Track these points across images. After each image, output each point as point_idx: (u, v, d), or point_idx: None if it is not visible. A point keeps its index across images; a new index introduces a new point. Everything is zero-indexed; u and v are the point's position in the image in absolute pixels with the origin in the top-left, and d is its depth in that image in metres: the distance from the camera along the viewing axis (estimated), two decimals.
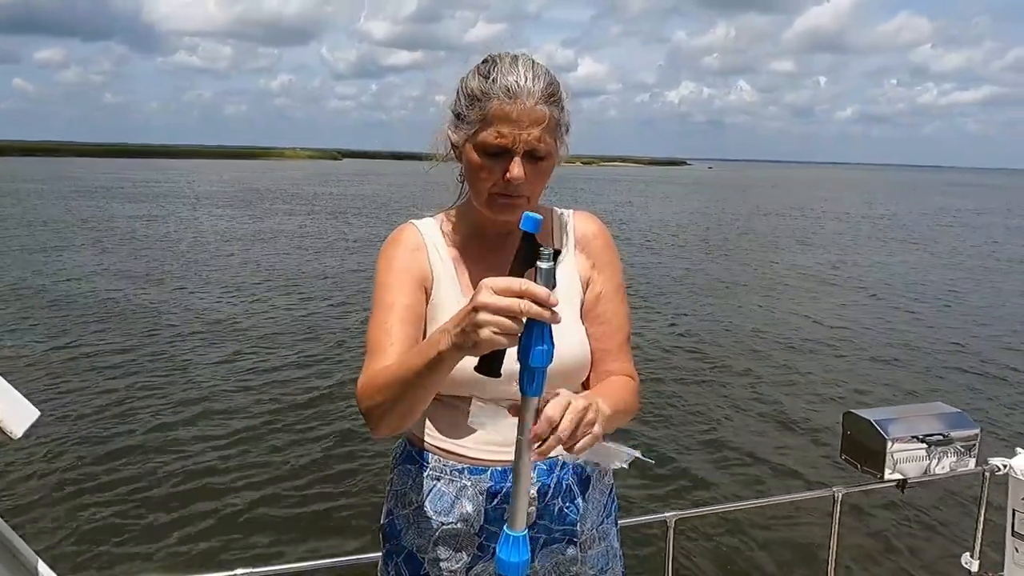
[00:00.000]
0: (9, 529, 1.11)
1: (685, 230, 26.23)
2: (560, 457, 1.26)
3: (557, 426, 0.99)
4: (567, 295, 1.30)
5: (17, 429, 0.97)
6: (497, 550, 1.05)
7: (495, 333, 0.93)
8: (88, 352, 8.95)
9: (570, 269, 1.34)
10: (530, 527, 1.26)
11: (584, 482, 1.32)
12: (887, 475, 2.23)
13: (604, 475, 1.37)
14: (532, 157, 1.19)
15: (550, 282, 0.95)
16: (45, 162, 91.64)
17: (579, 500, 1.31)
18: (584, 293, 1.34)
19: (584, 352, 1.29)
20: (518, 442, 1.02)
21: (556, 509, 1.28)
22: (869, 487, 2.37)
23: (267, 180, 58.78)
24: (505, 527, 1.05)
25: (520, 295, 0.94)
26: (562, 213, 1.41)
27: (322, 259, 17.21)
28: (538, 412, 1.00)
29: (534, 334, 0.96)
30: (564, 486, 1.29)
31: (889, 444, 2.20)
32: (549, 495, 1.27)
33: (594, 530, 1.34)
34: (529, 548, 1.04)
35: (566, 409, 1.00)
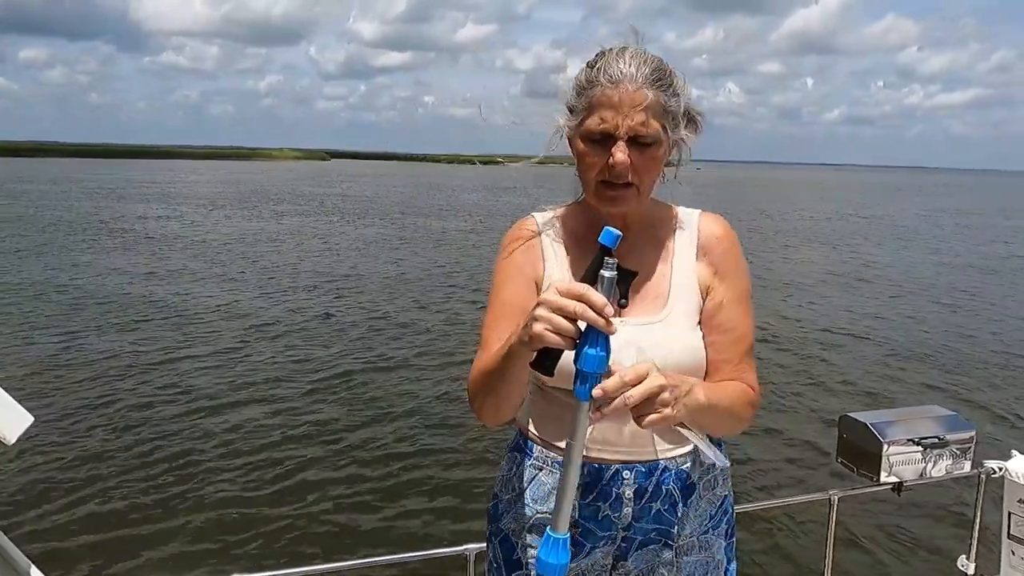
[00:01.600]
0: (2, 535, 1.10)
1: None
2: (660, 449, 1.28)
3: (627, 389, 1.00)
4: (684, 300, 1.29)
5: (11, 435, 0.97)
6: (538, 550, 1.07)
7: (547, 330, 0.99)
8: (84, 355, 8.91)
9: (689, 275, 1.31)
10: (626, 528, 1.28)
11: (688, 488, 1.31)
12: (883, 478, 2.24)
13: (715, 485, 1.35)
14: (638, 143, 1.18)
15: (611, 292, 1.00)
16: (30, 163, 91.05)
17: (679, 504, 1.30)
18: (704, 300, 1.31)
19: (696, 359, 1.27)
20: (568, 445, 1.04)
21: (653, 511, 1.28)
22: (865, 490, 2.37)
23: (266, 180, 58.62)
24: (548, 528, 1.06)
25: (579, 299, 0.98)
26: (688, 213, 1.38)
27: (348, 259, 17.17)
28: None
29: (588, 339, 0.99)
30: (664, 491, 1.29)
31: (885, 447, 2.21)
32: (647, 497, 1.27)
33: (694, 537, 1.33)
34: (569, 552, 1.05)
35: (643, 378, 1.00)
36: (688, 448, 1.30)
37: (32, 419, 1.01)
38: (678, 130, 1.25)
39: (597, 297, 0.98)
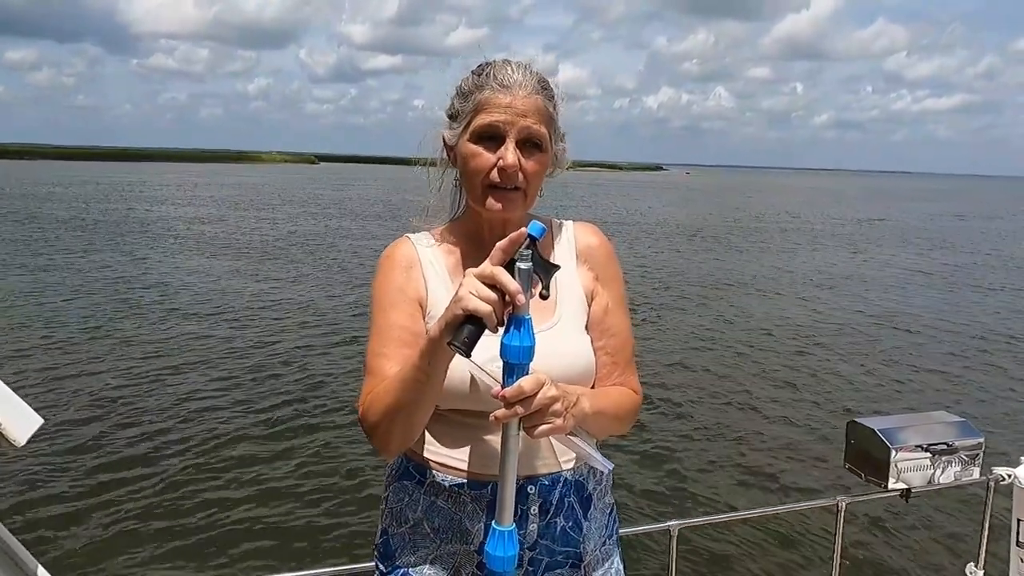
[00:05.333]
0: (11, 536, 1.11)
1: (681, 234, 26.21)
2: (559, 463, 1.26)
3: (525, 400, 1.01)
4: (571, 306, 1.30)
5: (21, 437, 0.97)
6: (485, 545, 1.07)
7: (471, 294, 0.98)
8: (93, 359, 8.96)
9: (573, 281, 1.32)
10: (532, 548, 1.24)
11: (586, 500, 1.30)
12: (891, 484, 2.22)
13: (604, 494, 1.35)
14: (527, 146, 1.20)
15: (527, 284, 1.00)
16: (14, 165, 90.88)
17: (582, 519, 1.28)
18: (589, 305, 1.32)
19: (588, 365, 1.27)
20: (504, 438, 1.05)
21: (558, 528, 1.26)
22: (873, 496, 2.36)
23: (273, 183, 58.80)
24: (493, 522, 1.07)
25: (491, 279, 0.98)
26: (562, 223, 1.40)
27: (310, 275, 17.22)
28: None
29: (512, 329, 1.00)
30: (566, 503, 1.26)
31: (893, 453, 2.20)
32: (551, 512, 1.25)
33: (597, 551, 1.32)
34: (517, 543, 1.06)
35: (539, 388, 1.02)
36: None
37: (41, 421, 1.02)
38: (559, 142, 1.27)
39: (508, 279, 0.98)
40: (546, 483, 1.24)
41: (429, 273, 1.29)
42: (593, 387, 1.29)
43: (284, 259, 18.22)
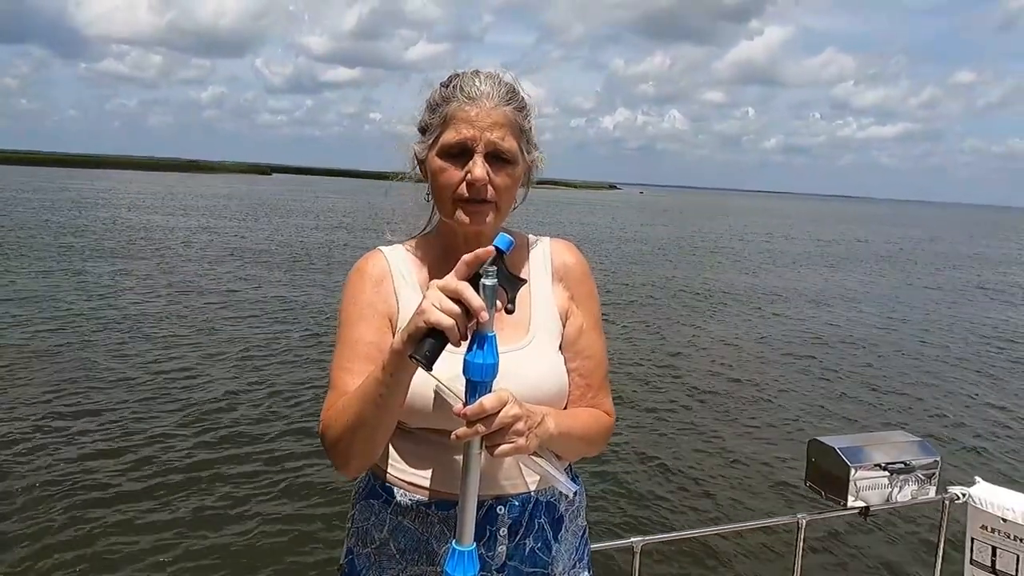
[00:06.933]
0: None
1: (641, 253, 26.43)
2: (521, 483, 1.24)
3: (487, 418, 1.00)
4: (545, 326, 1.28)
5: None
6: (444, 564, 1.05)
7: (434, 307, 0.97)
8: (39, 375, 8.74)
9: (548, 299, 1.30)
10: (500, 569, 1.22)
11: (557, 522, 1.28)
12: (850, 502, 2.25)
13: (577, 515, 1.33)
14: (497, 159, 1.18)
15: (492, 300, 0.99)
16: None
17: (552, 541, 1.27)
18: (563, 325, 1.30)
19: (561, 385, 1.25)
20: (465, 456, 1.03)
21: (527, 550, 1.24)
22: (832, 514, 2.39)
23: (230, 194, 58.11)
24: (453, 542, 1.05)
25: (455, 295, 0.97)
26: (538, 240, 1.37)
27: (280, 291, 17.03)
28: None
29: (475, 346, 0.99)
30: (536, 525, 1.25)
31: (852, 471, 2.23)
32: (520, 534, 1.23)
33: (566, 574, 1.30)
34: (477, 563, 1.05)
35: (502, 406, 1.00)
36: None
37: None
38: (532, 152, 1.26)
39: (472, 295, 0.96)
40: (516, 504, 1.23)
41: (401, 286, 1.27)
42: (565, 408, 1.27)
43: (250, 267, 17.99)
